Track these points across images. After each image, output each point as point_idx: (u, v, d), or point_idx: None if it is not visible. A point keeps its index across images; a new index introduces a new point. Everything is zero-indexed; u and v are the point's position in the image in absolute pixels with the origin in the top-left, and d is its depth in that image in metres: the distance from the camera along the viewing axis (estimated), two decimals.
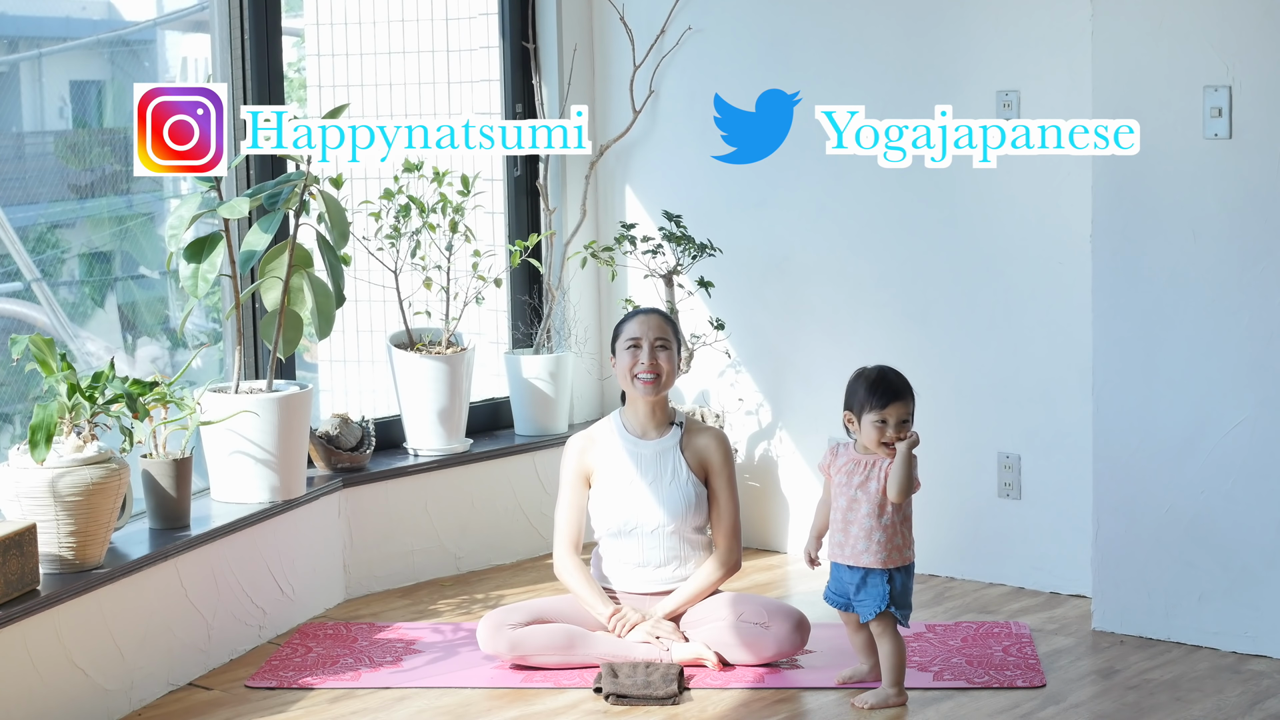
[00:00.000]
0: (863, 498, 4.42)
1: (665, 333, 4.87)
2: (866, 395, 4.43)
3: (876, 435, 4.40)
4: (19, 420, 5.01)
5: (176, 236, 4.86)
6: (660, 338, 4.85)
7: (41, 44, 5.35)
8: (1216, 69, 4.66)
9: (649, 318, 4.89)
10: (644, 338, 4.83)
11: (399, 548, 5.62)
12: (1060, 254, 5.27)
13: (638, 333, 4.85)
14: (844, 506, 4.45)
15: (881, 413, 4.39)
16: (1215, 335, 4.74)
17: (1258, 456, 4.70)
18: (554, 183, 6.20)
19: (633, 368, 4.83)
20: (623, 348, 4.87)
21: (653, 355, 4.83)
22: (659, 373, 4.83)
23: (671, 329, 4.90)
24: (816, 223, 5.79)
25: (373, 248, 5.65)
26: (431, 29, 6.23)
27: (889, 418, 4.39)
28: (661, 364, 4.84)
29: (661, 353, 4.84)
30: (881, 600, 4.40)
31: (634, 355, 4.83)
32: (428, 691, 4.61)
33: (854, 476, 4.44)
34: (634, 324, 4.88)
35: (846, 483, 4.45)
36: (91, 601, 4.33)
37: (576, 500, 4.91)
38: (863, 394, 4.44)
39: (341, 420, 5.52)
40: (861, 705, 4.39)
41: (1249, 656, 4.73)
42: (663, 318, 4.91)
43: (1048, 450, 5.36)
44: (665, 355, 4.84)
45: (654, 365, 4.83)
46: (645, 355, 4.82)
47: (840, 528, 4.46)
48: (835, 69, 5.69)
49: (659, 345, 4.84)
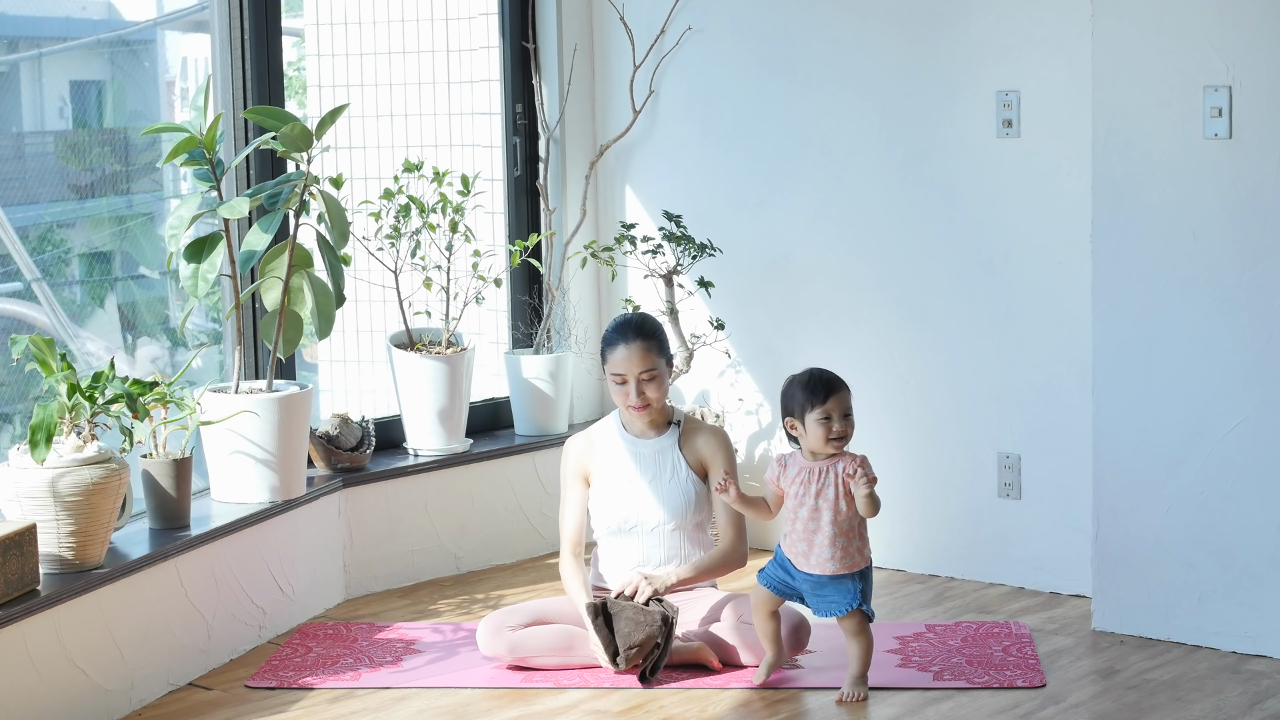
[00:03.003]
0: (824, 506, 4.40)
1: (652, 362, 4.80)
2: (806, 396, 4.43)
3: (824, 433, 4.39)
4: (19, 420, 5.01)
5: (176, 236, 4.85)
6: (646, 370, 4.80)
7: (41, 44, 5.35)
8: (1216, 69, 4.66)
9: (631, 351, 4.79)
10: (629, 374, 4.80)
11: (399, 548, 5.62)
12: (1060, 254, 5.27)
13: (622, 370, 4.80)
14: (805, 518, 4.42)
15: (823, 408, 4.40)
16: (1215, 335, 4.74)
17: (1258, 456, 4.70)
18: (554, 183, 6.20)
19: (624, 400, 4.82)
20: (609, 375, 4.85)
21: (640, 389, 4.81)
22: (649, 403, 4.83)
23: (657, 350, 4.82)
24: (816, 223, 5.79)
25: (373, 248, 5.65)
26: (431, 29, 6.23)
27: (832, 412, 4.40)
28: (650, 396, 4.82)
29: (649, 385, 4.81)
30: (853, 599, 4.42)
31: (623, 390, 4.82)
32: (428, 691, 4.61)
33: (810, 485, 4.42)
34: (618, 359, 4.80)
35: (804, 493, 4.43)
36: (91, 601, 4.33)
37: (578, 501, 4.91)
38: (801, 395, 4.44)
39: (341, 420, 5.52)
40: (851, 699, 4.44)
41: (1249, 656, 4.73)
42: (645, 344, 4.80)
43: (1048, 450, 5.36)
44: (654, 386, 4.81)
45: (644, 397, 4.82)
46: (633, 392, 4.81)
47: (803, 538, 4.43)
48: (835, 69, 5.69)
49: (646, 379, 4.81)
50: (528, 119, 6.17)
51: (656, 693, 4.55)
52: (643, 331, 4.84)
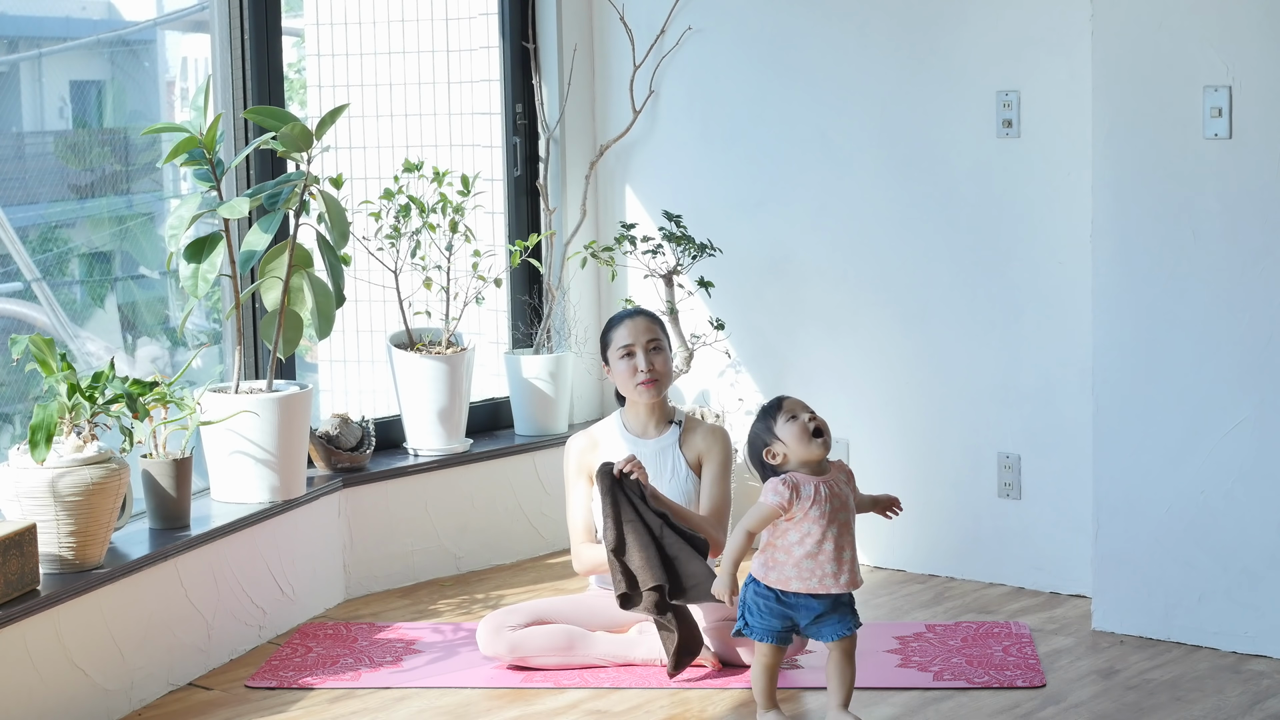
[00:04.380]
0: (850, 518, 4.14)
1: (655, 332, 4.86)
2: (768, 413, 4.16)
3: (802, 431, 4.10)
4: (19, 420, 5.01)
5: (176, 236, 4.86)
6: (652, 339, 4.84)
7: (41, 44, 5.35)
8: (1216, 69, 4.66)
9: (636, 321, 4.87)
10: (636, 343, 4.82)
11: (399, 548, 5.62)
12: (1060, 254, 5.27)
13: (629, 339, 4.83)
14: (836, 535, 4.09)
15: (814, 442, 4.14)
16: (1215, 335, 4.74)
17: (1258, 456, 4.70)
18: (554, 183, 6.20)
19: (633, 376, 4.82)
20: (616, 356, 4.85)
21: (649, 359, 4.82)
22: (658, 375, 4.83)
23: (660, 326, 4.90)
24: (816, 223, 5.79)
25: (373, 248, 5.65)
26: (431, 29, 6.23)
27: (636, 345, 4.29)
28: (658, 366, 4.83)
29: (657, 355, 4.84)
30: (855, 618, 4.18)
31: (630, 363, 4.83)
32: (428, 691, 4.61)
33: (834, 500, 4.10)
34: (623, 330, 4.86)
35: (830, 510, 4.09)
36: (91, 601, 4.33)
37: (583, 497, 4.90)
38: (765, 418, 4.17)
39: (341, 420, 5.52)
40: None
41: (1249, 656, 4.73)
42: (648, 317, 4.89)
43: (1048, 450, 5.36)
44: (660, 357, 4.84)
45: (652, 369, 4.82)
46: (642, 361, 4.81)
47: (833, 558, 4.08)
48: (835, 69, 5.69)
49: (653, 348, 4.83)
50: (528, 119, 6.17)
51: (657, 693, 4.55)
52: (642, 310, 4.95)
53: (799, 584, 4.10)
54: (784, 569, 4.11)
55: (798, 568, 4.10)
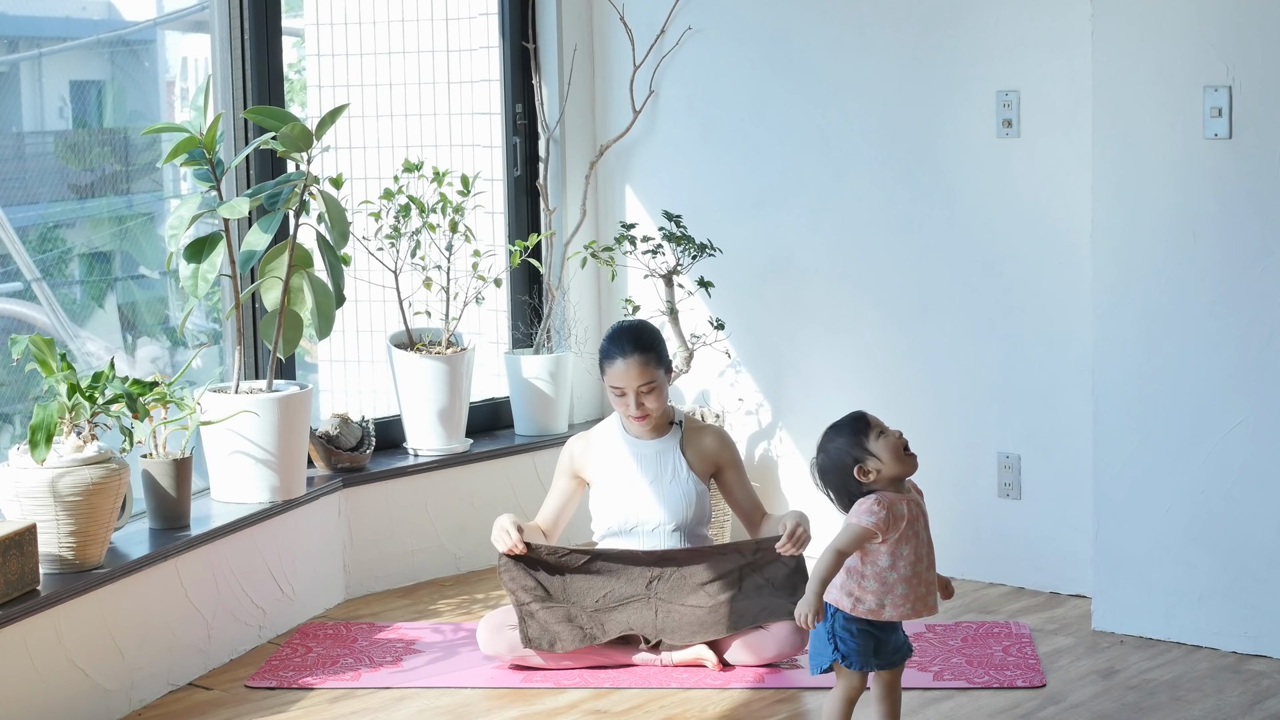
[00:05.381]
0: (930, 534, 3.88)
1: (648, 375, 4.79)
2: (855, 427, 3.92)
3: (897, 446, 3.88)
4: (19, 420, 5.01)
5: (176, 236, 4.86)
6: (645, 383, 4.80)
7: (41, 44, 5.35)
8: (1216, 69, 4.66)
9: (629, 365, 4.77)
10: (627, 389, 4.81)
11: (399, 548, 5.62)
12: (1060, 254, 5.27)
13: (621, 383, 4.80)
14: (925, 554, 3.83)
15: (891, 435, 3.91)
16: (1215, 335, 4.74)
17: (1258, 456, 4.70)
18: (554, 183, 6.20)
19: (625, 410, 4.84)
20: (608, 387, 4.85)
21: (640, 401, 4.81)
22: (649, 413, 4.84)
23: (655, 361, 4.81)
24: (816, 222, 5.79)
25: (373, 248, 5.65)
26: (431, 29, 6.23)
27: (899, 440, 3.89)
28: (650, 407, 4.82)
29: (649, 397, 4.82)
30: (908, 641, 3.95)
31: (621, 403, 4.83)
32: (428, 691, 4.61)
33: (919, 519, 3.84)
34: (616, 373, 4.79)
35: (919, 528, 3.84)
36: (91, 601, 4.33)
37: (560, 494, 4.97)
38: (849, 432, 3.92)
39: (341, 420, 5.52)
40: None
41: (1249, 656, 4.73)
42: (642, 358, 4.77)
43: (1048, 450, 5.36)
44: (653, 397, 4.82)
45: (643, 408, 4.82)
46: (633, 405, 4.81)
47: (924, 580, 3.82)
48: (835, 69, 5.69)
49: (644, 391, 4.81)
50: (528, 119, 6.17)
51: (657, 693, 4.55)
52: (639, 344, 4.80)
53: (892, 610, 3.80)
54: (878, 597, 3.81)
55: (892, 593, 3.80)
